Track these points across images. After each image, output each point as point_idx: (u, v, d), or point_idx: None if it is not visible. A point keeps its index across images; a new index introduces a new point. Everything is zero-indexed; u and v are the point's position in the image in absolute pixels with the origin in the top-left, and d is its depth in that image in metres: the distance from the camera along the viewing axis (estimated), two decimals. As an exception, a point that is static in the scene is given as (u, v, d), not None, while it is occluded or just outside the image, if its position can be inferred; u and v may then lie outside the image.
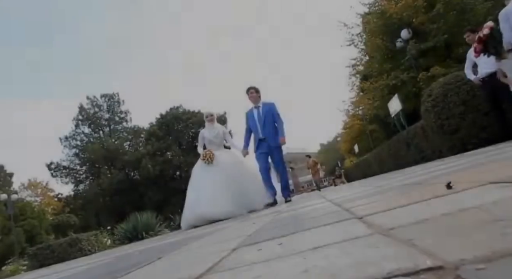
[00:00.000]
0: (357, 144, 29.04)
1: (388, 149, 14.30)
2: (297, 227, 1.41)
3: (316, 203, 3.13)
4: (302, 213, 2.25)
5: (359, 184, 6.68)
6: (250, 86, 6.17)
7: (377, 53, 13.36)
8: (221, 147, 6.51)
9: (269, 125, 5.93)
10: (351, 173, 27.80)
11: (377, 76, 13.87)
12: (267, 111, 5.96)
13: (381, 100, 13.87)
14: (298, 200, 6.32)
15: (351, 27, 14.33)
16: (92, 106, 40.15)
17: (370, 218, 1.10)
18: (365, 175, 20.19)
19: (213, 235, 2.37)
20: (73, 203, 40.06)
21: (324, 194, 5.53)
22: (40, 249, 12.76)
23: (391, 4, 12.40)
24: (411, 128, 10.91)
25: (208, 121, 6.63)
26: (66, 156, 39.07)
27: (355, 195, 2.62)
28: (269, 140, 5.86)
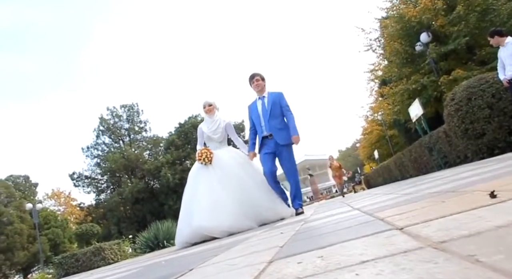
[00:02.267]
0: (377, 149, 28.68)
1: (409, 154, 14.08)
2: (332, 238, 1.37)
3: (343, 211, 3.07)
4: (331, 222, 2.20)
5: (381, 190, 6.53)
6: (254, 72, 5.08)
7: (396, 57, 13.19)
8: (224, 145, 5.32)
9: (276, 119, 4.86)
10: (371, 179, 27.46)
11: (396, 81, 13.68)
12: (273, 102, 4.89)
13: (401, 105, 13.67)
14: (321, 208, 6.17)
15: (369, 32, 14.24)
16: (112, 116, 40.90)
17: (412, 229, 1.06)
18: (386, 181, 19.90)
19: (241, 245, 2.35)
20: (95, 212, 40.72)
21: (348, 201, 5.39)
22: (65, 258, 12.96)
23: (410, 7, 12.24)
24: (433, 133, 10.71)
25: (206, 112, 5.28)
26: (88, 165, 39.92)
27: (384, 203, 2.56)
28: (275, 136, 4.83)
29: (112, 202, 37.74)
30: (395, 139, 25.08)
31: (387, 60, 14.60)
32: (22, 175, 44.17)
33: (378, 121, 26.17)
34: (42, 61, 70.71)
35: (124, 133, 41.20)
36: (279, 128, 4.84)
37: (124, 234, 28.25)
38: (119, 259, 12.98)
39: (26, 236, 36.71)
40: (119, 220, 37.40)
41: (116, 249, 13.28)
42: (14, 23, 66.06)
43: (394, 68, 13.53)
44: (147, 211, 35.76)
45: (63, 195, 49.64)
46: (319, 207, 7.02)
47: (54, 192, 49.24)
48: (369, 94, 20.63)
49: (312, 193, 59.44)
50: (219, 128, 5.18)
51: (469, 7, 11.04)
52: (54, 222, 39.44)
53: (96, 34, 75.29)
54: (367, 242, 1.10)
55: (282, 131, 4.85)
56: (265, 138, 4.92)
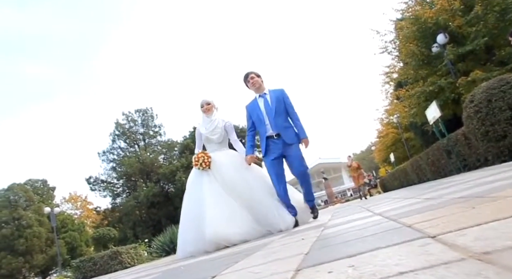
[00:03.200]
0: (393, 152, 28.32)
1: (426, 157, 13.85)
2: (360, 246, 1.34)
3: (363, 216, 3.02)
4: (354, 228, 2.15)
5: (400, 194, 6.41)
6: (247, 71, 4.73)
7: (412, 59, 13.02)
8: (224, 146, 4.90)
9: (281, 117, 4.52)
10: (387, 182, 27.12)
11: (412, 83, 13.50)
12: (277, 99, 4.56)
13: (418, 107, 13.47)
14: (338, 212, 6.08)
15: (384, 34, 14.10)
16: (128, 121, 41.41)
17: (447, 238, 1.02)
18: (402, 185, 19.61)
19: (262, 251, 2.31)
20: (111, 215, 41.17)
21: (366, 205, 5.29)
22: (83, 261, 13.11)
23: (426, 9, 12.09)
24: (451, 136, 10.51)
25: (204, 111, 4.87)
26: (104, 170, 40.48)
27: (407, 209, 2.49)
28: (283, 135, 4.45)
29: (127, 206, 38.13)
30: (411, 142, 24.74)
31: (403, 62, 14.43)
32: (40, 179, 44.98)
33: (394, 124, 25.84)
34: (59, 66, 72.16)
35: (139, 137, 41.68)
36: (286, 126, 4.52)
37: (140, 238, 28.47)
38: (135, 263, 13.06)
39: (44, 239, 37.34)
40: (135, 223, 37.74)
41: (132, 253, 13.38)
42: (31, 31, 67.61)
43: (410, 70, 13.36)
44: (162, 215, 36.00)
45: (80, 198, 50.39)
46: (336, 212, 6.93)
47: (71, 195, 50.02)
48: (385, 97, 20.45)
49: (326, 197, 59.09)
50: (218, 128, 4.81)
51: (488, 6, 10.83)
52: (71, 225, 40.02)
53: (111, 40, 76.52)
54: (400, 251, 1.06)
55: (289, 129, 4.53)
56: (270, 139, 4.51)
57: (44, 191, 44.33)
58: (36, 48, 67.57)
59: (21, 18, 64.54)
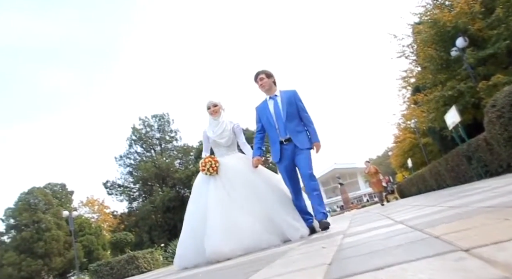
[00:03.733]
0: (410, 158, 27.89)
1: (445, 163, 13.59)
2: (387, 258, 1.29)
3: (385, 225, 2.94)
4: (377, 238, 2.09)
5: (421, 201, 6.26)
6: (258, 70, 4.42)
7: (430, 63, 12.82)
8: (233, 149, 4.65)
9: (293, 121, 4.23)
10: (404, 188, 26.70)
11: (431, 87, 13.29)
12: (288, 102, 4.27)
13: (436, 112, 13.24)
14: (356, 219, 5.96)
15: (401, 38, 13.95)
16: (144, 126, 41.91)
17: (483, 253, 0.96)
18: (420, 191, 19.27)
19: (282, 260, 2.27)
20: (127, 219, 41.60)
21: (386, 212, 5.17)
22: (100, 266, 13.25)
23: (444, 12, 11.90)
24: (472, 141, 10.28)
25: (210, 113, 4.60)
26: (121, 174, 41.01)
27: (430, 217, 2.42)
28: (294, 140, 4.19)
29: (144, 210, 38.47)
30: (429, 147, 24.32)
31: (421, 66, 14.23)
32: (59, 183, 45.81)
33: (411, 129, 25.46)
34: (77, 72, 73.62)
35: (155, 142, 42.12)
36: (298, 131, 4.22)
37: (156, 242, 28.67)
38: (152, 268, 13.13)
39: (62, 242, 37.95)
40: (151, 228, 38.03)
41: (149, 258, 13.46)
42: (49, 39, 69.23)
43: (428, 75, 13.16)
44: (178, 220, 36.16)
45: (97, 202, 51.10)
46: (354, 218, 6.82)
47: (89, 199, 50.77)
48: (402, 102, 20.18)
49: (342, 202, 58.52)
50: (226, 131, 4.53)
51: (509, 9, 10.59)
52: (89, 229, 40.58)
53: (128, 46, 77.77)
54: (432, 265, 1.01)
55: (301, 134, 4.23)
56: (281, 144, 4.26)
57: (63, 194, 45.12)
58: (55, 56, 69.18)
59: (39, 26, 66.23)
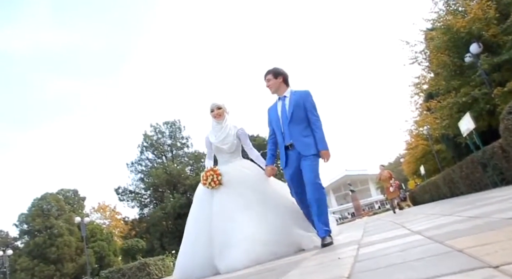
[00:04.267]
0: (423, 165, 27.57)
1: (460, 170, 13.38)
2: (409, 273, 1.24)
3: (401, 235, 2.88)
4: (395, 249, 2.03)
5: (436, 210, 6.14)
6: (267, 70, 4.05)
7: (444, 69, 12.68)
8: (236, 156, 4.33)
9: (299, 125, 3.80)
10: (417, 195, 26.37)
11: (444, 94, 13.13)
12: (296, 104, 3.84)
13: (450, 119, 13.07)
14: (370, 228, 5.85)
15: (414, 44, 13.84)
16: (156, 133, 42.19)
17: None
18: (434, 198, 18.99)
19: (297, 270, 2.23)
20: (138, 226, 41.76)
21: (400, 221, 5.07)
22: (112, 272, 13.30)
23: (458, 18, 11.78)
24: (487, 148, 10.11)
25: (214, 116, 4.29)
26: (132, 180, 41.21)
27: (449, 228, 2.35)
28: (297, 146, 3.77)
29: (155, 217, 38.59)
30: (442, 154, 24.01)
31: (434, 72, 14.09)
32: (71, 189, 46.27)
33: (424, 135, 25.18)
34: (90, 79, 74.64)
35: (166, 149, 42.35)
36: (304, 135, 3.78)
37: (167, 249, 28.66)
38: (163, 275, 13.12)
39: (74, 248, 38.25)
40: (162, 234, 38.11)
41: (160, 265, 13.46)
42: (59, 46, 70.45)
43: (441, 81, 13.01)
44: (188, 226, 36.20)
45: (109, 208, 51.45)
46: (366, 227, 6.72)
47: (100, 205, 51.14)
48: (414, 108, 19.98)
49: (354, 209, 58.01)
50: (230, 137, 4.23)
51: (525, 14, 10.47)
52: (100, 235, 40.82)
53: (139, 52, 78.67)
54: (460, 283, 0.96)
55: (307, 139, 3.78)
56: (286, 149, 3.90)
57: (75, 200, 45.54)
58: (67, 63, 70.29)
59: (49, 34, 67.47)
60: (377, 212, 48.25)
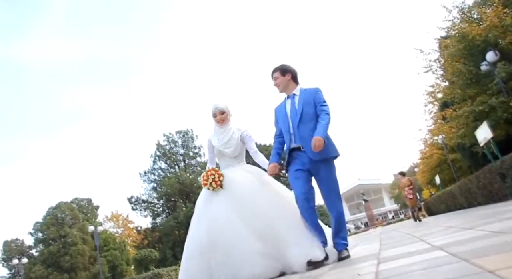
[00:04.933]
0: (438, 174, 27.14)
1: (477, 180, 13.10)
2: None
3: (421, 249, 2.77)
4: (418, 267, 1.94)
5: (452, 221, 5.98)
6: (275, 67, 3.78)
7: (459, 78, 12.52)
8: (240, 161, 4.06)
9: (308, 124, 3.48)
10: (432, 205, 25.90)
11: (460, 102, 12.95)
12: (305, 101, 3.56)
13: (466, 128, 12.85)
14: (387, 240, 5.70)
15: (428, 53, 13.73)
16: (168, 142, 42.45)
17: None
18: (450, 209, 18.62)
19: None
20: (151, 235, 41.84)
21: (417, 233, 4.92)
22: (126, 282, 13.27)
23: (473, 26, 11.66)
24: (506, 158, 9.88)
25: (217, 122, 4.07)
26: (145, 190, 41.40)
27: (474, 244, 2.25)
28: (307, 148, 3.41)
29: (167, 226, 38.63)
30: (458, 163, 23.59)
31: (449, 81, 13.93)
32: (85, 198, 46.71)
33: (438, 144, 24.82)
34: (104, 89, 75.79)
35: (179, 158, 42.51)
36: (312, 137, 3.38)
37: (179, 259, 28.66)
38: (175, 285, 13.08)
39: (87, 257, 38.48)
40: (174, 244, 38.08)
41: (173, 275, 13.42)
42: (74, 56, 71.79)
43: (456, 89, 12.85)
44: (201, 236, 36.13)
45: (122, 217, 51.72)
46: (382, 238, 6.57)
47: (113, 214, 51.46)
48: (428, 117, 19.73)
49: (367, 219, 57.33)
50: (233, 140, 3.99)
51: (543, 21, 10.30)
52: (113, 244, 41.00)
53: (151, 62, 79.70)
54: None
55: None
56: (294, 151, 3.57)
57: (89, 209, 45.93)
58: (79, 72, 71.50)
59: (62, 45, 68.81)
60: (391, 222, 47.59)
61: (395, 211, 71.81)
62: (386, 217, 71.07)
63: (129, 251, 43.38)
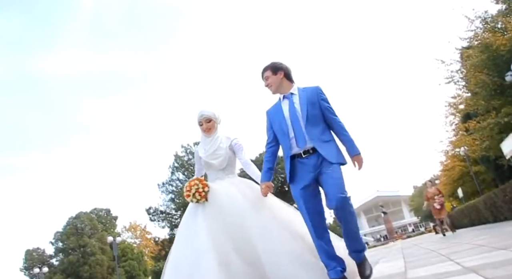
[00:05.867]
0: (460, 187, 26.48)
1: (503, 194, 12.67)
2: None
3: (451, 271, 2.64)
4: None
5: (478, 237, 5.74)
6: (265, 66, 3.28)
7: (482, 89, 12.25)
8: (230, 173, 3.53)
9: (317, 126, 3.03)
10: (454, 219, 25.19)
11: (483, 114, 12.66)
12: (309, 101, 3.08)
13: (491, 140, 12.53)
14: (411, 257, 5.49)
15: (450, 63, 13.52)
16: (186, 153, 42.73)
17: None
18: (473, 223, 18.08)
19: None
20: (168, 246, 41.88)
21: (444, 251, 4.71)
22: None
23: (497, 36, 11.43)
24: (534, 172, 9.56)
25: (203, 131, 3.57)
26: (163, 201, 41.54)
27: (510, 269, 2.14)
28: (322, 151, 2.95)
29: (184, 237, 38.60)
30: (481, 176, 22.98)
31: (471, 92, 13.66)
32: (104, 208, 47.33)
33: (461, 156, 24.27)
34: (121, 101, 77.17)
35: (196, 169, 42.72)
36: (324, 140, 3.01)
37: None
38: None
39: (106, 267, 38.79)
40: (191, 255, 38.04)
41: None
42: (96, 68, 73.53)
43: (480, 101, 12.57)
44: (217, 247, 36.03)
45: (139, 228, 52.12)
46: (406, 254, 6.35)
47: (131, 225, 51.92)
48: (450, 129, 19.37)
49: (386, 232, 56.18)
50: (220, 150, 3.48)
51: None
52: (131, 254, 41.27)
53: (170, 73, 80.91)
54: None
55: (328, 144, 3.01)
56: (295, 159, 3.05)
57: (108, 219, 46.49)
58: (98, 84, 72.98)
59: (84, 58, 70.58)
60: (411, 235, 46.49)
61: (415, 223, 70.32)
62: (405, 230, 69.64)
63: (147, 262, 43.57)
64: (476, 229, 13.05)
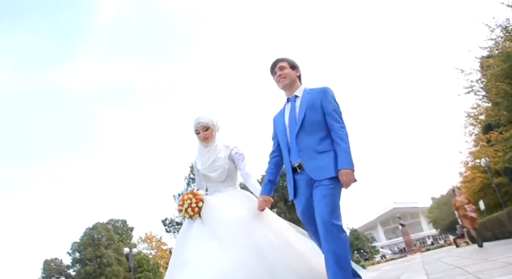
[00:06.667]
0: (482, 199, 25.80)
1: (528, 207, 12.32)
2: None
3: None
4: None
5: (505, 254, 5.50)
6: (277, 58, 2.96)
7: (504, 99, 11.96)
8: (230, 185, 3.26)
9: (311, 134, 2.67)
10: (477, 232, 24.49)
11: (506, 125, 12.35)
12: (309, 105, 2.72)
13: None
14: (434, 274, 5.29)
15: (469, 73, 13.28)
16: (202, 164, 42.90)
17: None
18: (497, 237, 17.54)
19: None
20: (184, 258, 41.93)
21: (470, 269, 4.51)
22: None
23: (518, 44, 11.22)
24: (561, 184, 9.22)
25: (200, 139, 3.30)
26: (179, 212, 41.68)
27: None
28: (307, 166, 2.63)
29: (199, 249, 38.52)
30: (504, 188, 22.36)
31: (492, 102, 13.36)
32: (120, 219, 47.67)
33: (481, 167, 23.70)
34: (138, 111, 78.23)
35: (212, 180, 42.78)
36: (320, 151, 2.63)
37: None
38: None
39: (122, 278, 38.92)
40: (206, 267, 37.88)
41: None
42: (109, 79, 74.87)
43: (502, 111, 12.27)
44: (233, 259, 35.72)
45: (155, 239, 52.22)
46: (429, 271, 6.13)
47: (147, 236, 52.06)
48: (470, 139, 18.96)
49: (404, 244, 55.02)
50: (219, 161, 3.20)
51: None
52: (147, 266, 41.32)
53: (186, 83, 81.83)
54: None
55: (323, 155, 2.62)
56: (294, 172, 2.78)
57: (124, 230, 46.77)
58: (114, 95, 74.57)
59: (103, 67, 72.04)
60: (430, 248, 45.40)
61: (434, 236, 68.74)
62: (424, 243, 68.19)
63: (162, 273, 43.49)
64: (501, 243, 12.62)
